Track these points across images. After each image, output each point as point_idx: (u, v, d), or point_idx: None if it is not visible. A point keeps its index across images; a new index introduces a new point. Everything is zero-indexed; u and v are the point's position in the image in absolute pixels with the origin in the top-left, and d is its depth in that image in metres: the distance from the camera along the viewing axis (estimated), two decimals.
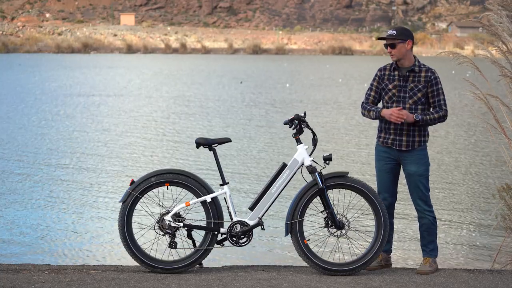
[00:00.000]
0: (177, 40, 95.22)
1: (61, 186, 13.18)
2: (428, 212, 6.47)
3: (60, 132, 20.35)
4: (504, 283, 6.14)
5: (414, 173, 6.38)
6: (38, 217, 10.98)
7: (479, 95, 7.81)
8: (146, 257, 6.21)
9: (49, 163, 15.54)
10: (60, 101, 29.19)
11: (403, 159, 6.42)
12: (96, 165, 15.30)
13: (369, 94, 6.56)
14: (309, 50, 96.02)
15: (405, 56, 6.37)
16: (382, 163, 6.50)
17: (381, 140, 6.49)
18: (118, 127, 21.59)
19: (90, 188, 13.03)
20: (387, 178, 6.49)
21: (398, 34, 6.36)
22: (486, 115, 14.27)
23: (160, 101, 29.53)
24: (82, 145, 18.09)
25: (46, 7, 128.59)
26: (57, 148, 17.52)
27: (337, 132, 20.48)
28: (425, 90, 6.35)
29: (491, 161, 15.95)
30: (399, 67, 6.43)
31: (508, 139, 7.91)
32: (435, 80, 6.36)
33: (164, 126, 21.74)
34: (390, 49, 6.36)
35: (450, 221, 10.80)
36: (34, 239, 9.82)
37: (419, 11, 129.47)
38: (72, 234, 10.11)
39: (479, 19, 8.08)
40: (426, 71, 6.37)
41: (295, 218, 6.23)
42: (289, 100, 30.10)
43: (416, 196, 6.46)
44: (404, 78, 6.39)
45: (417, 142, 6.38)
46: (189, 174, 6.30)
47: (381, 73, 6.52)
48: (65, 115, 24.34)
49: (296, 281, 6.02)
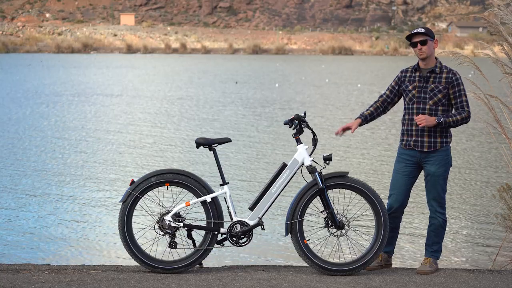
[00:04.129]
0: (177, 40, 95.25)
1: (61, 186, 13.18)
2: (440, 214, 6.44)
3: (60, 132, 20.35)
4: (504, 283, 6.14)
5: (433, 173, 6.35)
6: (38, 217, 10.98)
7: (479, 95, 7.81)
8: (146, 257, 6.20)
9: (48, 163, 15.53)
10: (60, 101, 29.19)
11: (425, 160, 6.37)
12: (96, 165, 15.30)
13: (384, 92, 6.60)
14: (309, 50, 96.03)
15: (431, 55, 6.37)
16: (401, 165, 6.46)
17: (404, 143, 6.46)
18: (118, 127, 21.58)
19: (90, 188, 13.03)
20: (403, 180, 6.45)
21: (427, 31, 6.35)
22: (486, 115, 14.28)
23: (160, 101, 29.53)
24: (82, 145, 18.09)
25: (46, 7, 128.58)
26: (56, 148, 17.52)
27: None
28: (446, 91, 6.31)
29: (491, 161, 15.96)
30: (421, 68, 6.42)
31: (508, 139, 7.91)
32: (456, 81, 6.31)
33: (164, 126, 21.74)
34: (421, 46, 6.31)
35: (450, 221, 10.79)
36: (34, 239, 9.82)
37: (419, 11, 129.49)
38: (72, 234, 10.11)
39: (482, 15, 8.06)
40: (447, 72, 6.33)
41: (295, 218, 6.23)
42: (274, 100, 30.10)
43: (431, 196, 6.43)
44: (425, 79, 6.36)
45: (439, 143, 6.34)
46: (189, 174, 6.29)
47: (401, 75, 6.50)
48: (65, 115, 24.34)
49: (296, 281, 6.02)
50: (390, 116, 23.55)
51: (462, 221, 10.85)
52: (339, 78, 44.83)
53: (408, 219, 10.66)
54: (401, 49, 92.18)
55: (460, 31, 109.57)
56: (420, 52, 6.33)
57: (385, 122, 22.78)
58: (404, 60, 72.48)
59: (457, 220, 10.91)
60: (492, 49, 8.03)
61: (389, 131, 20.86)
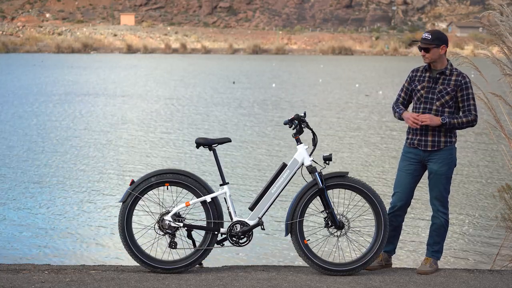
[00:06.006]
0: (177, 40, 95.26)
1: (61, 186, 13.18)
2: (442, 213, 6.45)
3: (60, 132, 20.35)
4: (504, 283, 6.14)
5: (436, 172, 6.36)
6: (38, 217, 10.98)
7: (480, 95, 7.81)
8: (146, 257, 6.20)
9: (48, 163, 15.53)
10: (60, 101, 29.19)
11: (428, 159, 6.38)
12: (96, 165, 15.30)
13: (399, 95, 6.60)
14: (309, 50, 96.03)
15: (438, 60, 6.36)
16: (405, 163, 6.48)
17: (408, 142, 6.48)
18: (118, 127, 21.58)
19: (90, 188, 13.03)
20: (407, 179, 6.46)
21: (433, 39, 6.32)
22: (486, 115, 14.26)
23: (160, 101, 29.53)
24: (82, 145, 18.09)
25: (46, 7, 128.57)
26: (56, 148, 17.52)
27: (336, 131, 20.50)
28: (454, 94, 6.32)
29: (491, 161, 15.95)
30: (431, 69, 6.43)
31: (508, 139, 7.91)
32: (465, 85, 6.32)
33: (164, 126, 21.74)
34: (424, 53, 6.35)
35: (450, 221, 10.77)
36: (34, 239, 9.82)
37: (419, 11, 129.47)
38: (72, 234, 10.10)
39: (479, 19, 8.07)
40: (457, 75, 6.35)
41: (295, 218, 6.23)
42: (273, 100, 30.11)
43: (433, 195, 6.44)
44: (434, 80, 6.37)
45: (443, 142, 6.34)
46: (189, 174, 6.29)
47: (412, 74, 6.52)
48: (65, 115, 24.34)
49: (296, 281, 6.02)
50: (390, 115, 23.55)
51: (462, 221, 10.85)
52: (336, 78, 44.80)
53: (409, 219, 10.66)
54: (401, 49, 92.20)
55: (460, 31, 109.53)
56: (424, 58, 6.38)
57: (385, 122, 22.78)
58: (404, 60, 72.53)
59: (457, 220, 10.91)
60: (491, 50, 8.03)
61: (390, 131, 20.86)
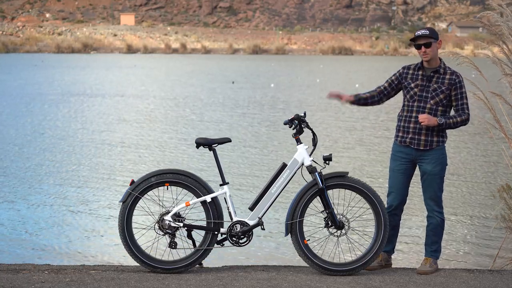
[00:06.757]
0: (177, 40, 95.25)
1: (61, 186, 13.18)
2: (437, 213, 6.47)
3: (60, 132, 20.35)
4: (504, 283, 6.14)
5: (430, 172, 6.36)
6: (38, 217, 10.98)
7: (479, 95, 7.81)
8: (146, 257, 6.20)
9: (48, 163, 15.54)
10: (60, 101, 29.19)
11: (420, 158, 6.39)
12: (96, 165, 15.30)
13: (383, 84, 6.59)
14: (309, 50, 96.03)
15: (435, 56, 6.37)
16: (397, 163, 6.47)
17: (399, 139, 6.46)
18: (118, 127, 21.59)
19: (90, 188, 13.03)
20: (400, 178, 6.46)
21: (431, 33, 6.34)
22: (486, 115, 14.28)
23: (160, 101, 29.53)
24: (82, 144, 18.09)
25: (46, 7, 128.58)
26: (57, 148, 17.52)
27: (338, 131, 20.50)
28: (448, 92, 6.32)
29: (491, 161, 15.95)
30: (424, 67, 6.41)
31: (508, 139, 7.91)
32: (459, 83, 6.33)
33: (164, 126, 21.74)
34: (425, 48, 6.30)
35: (450, 221, 10.79)
36: (34, 239, 9.82)
37: (419, 11, 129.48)
38: (72, 234, 10.11)
39: (479, 19, 8.06)
40: (451, 74, 6.35)
41: (295, 218, 6.23)
42: (271, 100, 30.11)
43: (428, 195, 6.45)
44: (428, 78, 6.36)
45: (436, 142, 6.35)
46: (189, 174, 6.29)
47: (403, 71, 6.50)
48: (65, 115, 24.34)
49: (296, 281, 6.02)
50: (390, 116, 23.56)
51: (462, 221, 10.85)
52: (334, 78, 44.80)
53: (408, 219, 10.66)
54: (401, 49, 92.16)
55: (460, 31, 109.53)
56: (425, 55, 6.33)
57: (385, 122, 22.79)
58: (404, 60, 72.45)
59: (457, 220, 10.91)
60: (491, 49, 8.03)
61: (390, 131, 20.85)
